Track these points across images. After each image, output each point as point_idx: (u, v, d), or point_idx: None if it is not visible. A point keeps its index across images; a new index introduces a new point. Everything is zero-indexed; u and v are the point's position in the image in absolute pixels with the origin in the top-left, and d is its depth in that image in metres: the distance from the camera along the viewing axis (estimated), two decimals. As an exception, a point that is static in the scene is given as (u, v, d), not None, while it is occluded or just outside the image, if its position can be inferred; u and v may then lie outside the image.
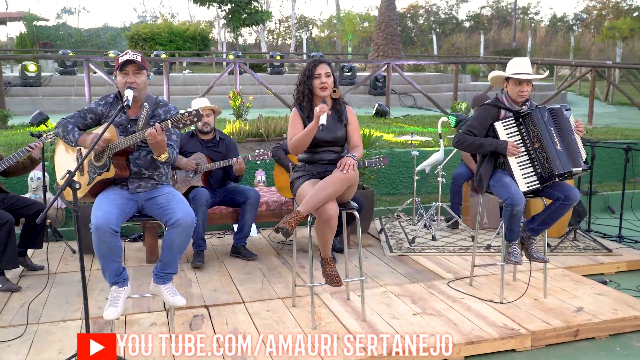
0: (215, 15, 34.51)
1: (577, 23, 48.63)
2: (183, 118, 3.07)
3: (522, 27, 40.71)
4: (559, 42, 33.77)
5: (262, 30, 27.97)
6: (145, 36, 21.42)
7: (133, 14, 60.86)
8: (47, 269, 4.63)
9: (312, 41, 31.69)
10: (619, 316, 3.74)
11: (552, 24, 48.55)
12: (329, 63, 3.57)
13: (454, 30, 43.35)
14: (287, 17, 42.63)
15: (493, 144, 3.87)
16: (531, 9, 50.85)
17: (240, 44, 29.31)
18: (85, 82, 8.83)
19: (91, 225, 3.06)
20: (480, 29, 42.03)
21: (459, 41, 35.33)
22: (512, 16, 49.24)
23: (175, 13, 46.21)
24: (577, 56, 26.05)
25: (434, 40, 26.60)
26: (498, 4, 50.55)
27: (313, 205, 3.29)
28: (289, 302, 3.98)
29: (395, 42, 15.95)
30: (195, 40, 22.23)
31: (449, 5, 51.73)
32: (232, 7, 24.50)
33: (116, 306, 3.20)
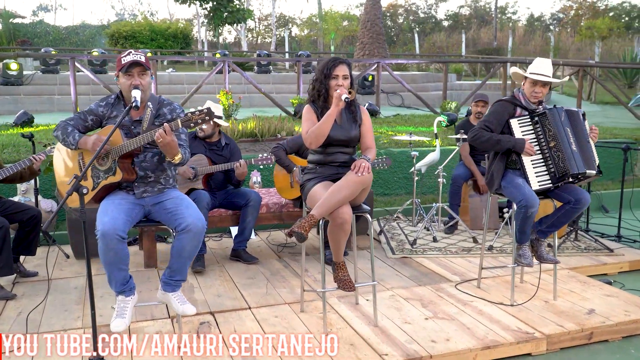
0: (195, 13, 34.22)
1: (554, 23, 49.23)
2: (194, 117, 2.95)
3: (502, 26, 41.04)
4: (537, 42, 34.12)
5: (243, 28, 27.74)
6: (125, 34, 21.09)
7: (111, 12, 59.98)
8: (46, 276, 4.47)
9: (294, 40, 31.53)
10: (632, 318, 3.71)
11: (529, 23, 49.06)
12: (348, 64, 3.48)
13: (433, 30, 43.56)
14: (267, 15, 42.45)
15: (511, 142, 3.81)
16: (509, 8, 51.31)
17: (222, 43, 29.05)
18: (71, 80, 8.61)
19: (97, 232, 2.93)
20: (459, 29, 42.32)
21: (439, 40, 35.51)
22: (490, 16, 49.75)
23: (154, 11, 45.67)
24: (556, 55, 26.31)
25: (415, 39, 26.64)
26: (476, 3, 50.96)
27: (327, 209, 3.20)
28: (297, 307, 3.88)
29: (381, 41, 15.91)
30: (177, 38, 21.96)
31: (428, 4, 52.00)
32: (213, 5, 24.26)
33: (123, 317, 3.07)
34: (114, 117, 3.22)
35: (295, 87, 13.03)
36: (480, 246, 5.29)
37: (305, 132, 3.38)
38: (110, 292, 4.12)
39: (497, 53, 26.15)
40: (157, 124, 3.21)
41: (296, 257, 5.04)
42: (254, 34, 44.16)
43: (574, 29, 40.44)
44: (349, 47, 26.27)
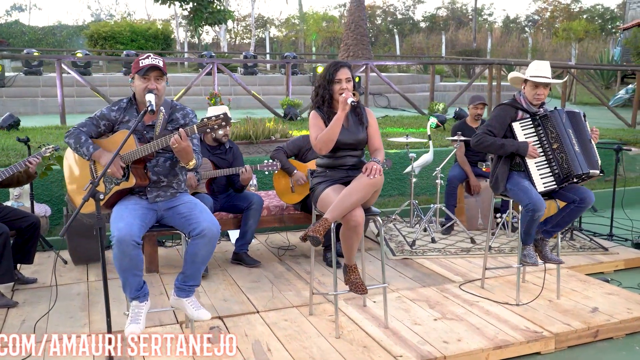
0: (174, 13, 33.93)
1: (530, 24, 49.95)
2: (210, 123, 2.94)
3: (479, 28, 41.47)
4: (514, 43, 34.56)
5: (223, 29, 27.61)
6: (105, 35, 20.81)
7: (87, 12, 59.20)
8: (46, 283, 4.41)
9: (275, 41, 31.47)
10: (635, 315, 3.79)
11: (505, 25, 49.69)
12: (349, 67, 3.49)
13: (412, 31, 43.85)
14: (245, 16, 42.26)
15: (514, 145, 3.86)
16: (485, 10, 51.89)
17: (203, 44, 28.85)
18: (58, 83, 8.48)
19: (112, 238, 2.89)
20: (437, 30, 42.68)
21: (418, 41, 35.75)
22: (467, 17, 50.26)
23: (131, 11, 45.17)
24: (534, 57, 26.67)
25: (396, 41, 26.78)
26: (453, 5, 51.46)
27: (341, 212, 3.21)
28: (305, 311, 3.88)
29: (365, 43, 15.96)
30: (158, 39, 21.74)
31: (405, 6, 52.35)
32: (194, 5, 24.08)
33: (138, 322, 3.04)
34: (127, 121, 3.19)
35: (282, 89, 13.05)
36: (479, 246, 5.34)
37: (314, 138, 3.38)
38: (116, 298, 4.10)
39: (477, 54, 26.42)
40: (170, 129, 3.19)
41: (297, 259, 5.04)
42: (232, 34, 43.98)
43: (549, 30, 41.07)
44: (330, 48, 26.32)
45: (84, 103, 10.98)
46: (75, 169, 3.30)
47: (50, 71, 13.33)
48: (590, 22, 36.66)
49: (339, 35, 26.77)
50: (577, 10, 45.23)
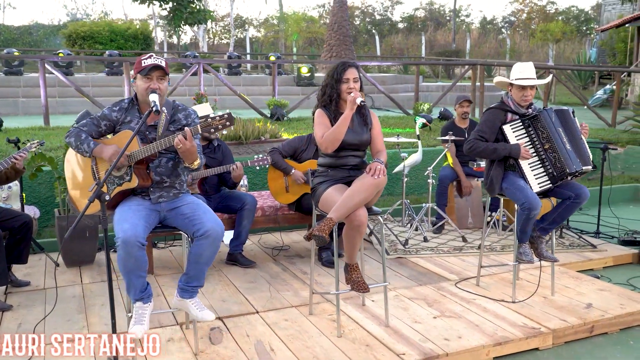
0: (151, 13, 33.63)
1: (506, 26, 50.57)
2: (214, 122, 2.93)
3: (457, 29, 41.85)
4: (492, 44, 34.96)
5: (203, 30, 27.41)
6: (84, 34, 20.55)
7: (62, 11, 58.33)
8: (39, 285, 4.35)
9: (255, 41, 31.40)
10: (628, 311, 3.87)
11: (482, 26, 50.23)
12: (357, 67, 3.52)
13: (390, 32, 44.09)
14: (223, 16, 42.05)
15: (507, 149, 3.92)
16: (462, 11, 52.38)
17: (182, 44, 28.66)
18: (41, 83, 8.35)
19: (117, 239, 2.86)
20: (415, 31, 42.98)
21: (397, 42, 35.97)
22: (444, 18, 50.69)
23: (108, 11, 44.65)
24: (512, 57, 27.03)
25: (376, 41, 26.91)
26: (431, 6, 51.85)
27: (345, 212, 3.22)
28: (304, 310, 3.89)
29: (348, 43, 16.02)
30: (137, 39, 21.54)
31: (384, 6, 52.62)
32: (173, 5, 23.89)
33: (142, 323, 3.01)
34: (128, 122, 3.16)
35: (267, 89, 13.04)
36: (470, 245, 5.40)
37: (320, 136, 3.40)
38: (111, 300, 4.06)
39: (457, 55, 26.68)
40: (172, 130, 3.17)
41: (292, 260, 5.04)
42: (211, 35, 43.72)
43: (525, 31, 41.63)
44: (311, 48, 26.35)
45: (67, 104, 10.84)
46: (76, 170, 3.26)
47: (31, 71, 13.12)
48: (567, 24, 37.25)
49: (320, 35, 26.82)
50: (553, 12, 45.96)
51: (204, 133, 2.93)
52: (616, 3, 25.09)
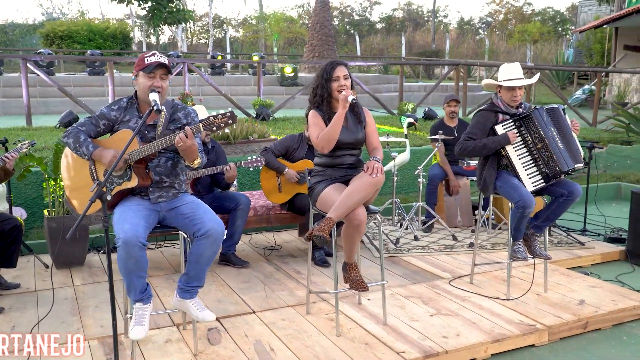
0: (129, 13, 33.31)
1: (483, 26, 51.12)
2: (216, 121, 2.91)
3: (436, 29, 42.17)
4: (470, 45, 35.32)
5: (183, 29, 27.23)
6: (62, 34, 20.27)
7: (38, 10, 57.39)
8: (30, 288, 4.28)
9: (235, 41, 31.26)
10: (620, 307, 3.94)
11: (460, 26, 50.68)
12: (346, 64, 3.52)
13: (369, 32, 44.25)
14: (201, 16, 41.80)
15: (496, 141, 3.97)
16: (440, 12, 52.81)
17: (161, 44, 28.43)
18: (23, 83, 8.19)
19: (118, 240, 2.83)
20: (394, 31, 43.20)
21: (376, 42, 36.13)
22: (422, 19, 51.04)
23: (85, 10, 44.07)
24: (491, 58, 27.33)
25: (357, 41, 26.99)
26: (409, 6, 52.17)
27: (344, 211, 3.22)
28: (301, 310, 3.88)
29: (330, 43, 16.03)
30: (116, 38, 21.31)
31: (362, 7, 52.79)
32: (152, 5, 23.73)
33: (142, 324, 2.98)
34: (127, 121, 3.13)
35: (250, 89, 12.99)
36: (461, 243, 5.45)
37: (315, 137, 3.39)
38: (105, 301, 4.02)
39: (437, 55, 26.87)
40: (172, 129, 3.14)
41: (285, 259, 5.03)
42: (189, 35, 43.43)
43: (502, 32, 42.11)
44: (291, 48, 26.33)
45: (48, 104, 10.68)
46: (74, 170, 3.21)
47: (10, 71, 12.90)
48: (544, 25, 37.78)
49: (300, 35, 26.80)
50: (529, 13, 46.58)
51: (206, 131, 2.90)
52: (592, 4, 25.56)
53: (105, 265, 4.84)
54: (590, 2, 25.52)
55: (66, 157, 3.24)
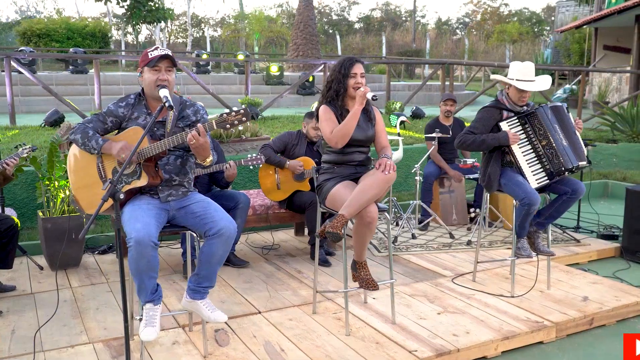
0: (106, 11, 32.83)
1: (461, 27, 51.57)
2: (230, 118, 2.85)
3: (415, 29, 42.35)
4: (448, 45, 35.55)
5: (163, 28, 26.89)
6: (39, 32, 19.84)
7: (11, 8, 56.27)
8: (26, 290, 4.17)
9: (216, 40, 31.03)
10: (623, 303, 3.97)
11: (437, 27, 51.02)
12: (363, 62, 3.50)
13: (348, 32, 44.30)
14: (179, 15, 41.38)
15: (495, 138, 3.97)
16: (418, 12, 53.11)
17: (140, 42, 28.07)
18: (7, 81, 7.98)
19: (129, 240, 2.75)
20: (372, 31, 43.30)
21: (355, 42, 36.15)
22: (401, 19, 51.26)
23: (61, 8, 43.34)
24: (470, 57, 27.53)
25: (337, 41, 26.99)
26: (387, 6, 52.37)
27: (357, 208, 3.19)
28: (307, 309, 3.84)
29: (314, 42, 15.98)
30: (96, 37, 20.94)
31: (341, 6, 52.84)
32: (131, 3, 23.39)
33: (154, 325, 2.91)
34: (135, 118, 3.05)
35: (236, 88, 12.88)
36: (458, 241, 5.46)
37: (329, 132, 3.36)
38: (106, 303, 3.94)
39: (417, 55, 27.00)
40: (181, 126, 3.07)
41: (284, 258, 4.98)
42: (166, 34, 42.96)
43: (480, 32, 42.51)
44: (272, 47, 26.21)
45: (30, 102, 10.45)
46: (80, 168, 3.11)
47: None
48: (522, 25, 38.24)
49: (281, 34, 26.70)
50: (506, 14, 47.11)
51: (219, 128, 2.84)
52: (570, 5, 25.91)
53: (100, 267, 4.75)
54: (568, 3, 25.86)
55: (72, 155, 3.14)
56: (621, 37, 15.63)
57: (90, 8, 59.36)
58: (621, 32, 15.42)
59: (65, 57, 13.32)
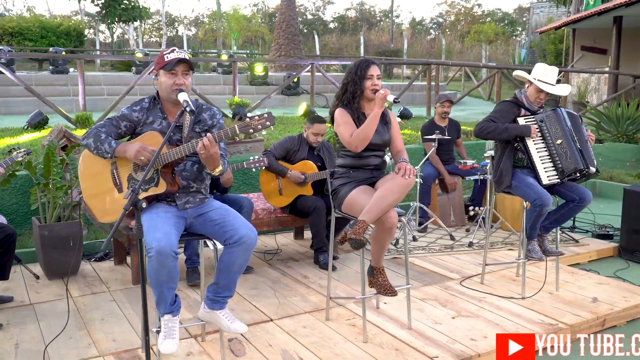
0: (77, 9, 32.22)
1: (434, 27, 51.98)
2: (253, 122, 2.77)
3: (389, 30, 42.51)
4: (424, 45, 35.78)
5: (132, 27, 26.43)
6: (12, 30, 19.37)
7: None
8: (25, 301, 4.02)
9: (193, 39, 30.70)
10: (632, 303, 3.99)
11: (412, 27, 51.34)
12: (378, 65, 3.45)
13: (324, 31, 44.30)
14: (152, 13, 40.86)
15: (518, 128, 3.98)
16: (392, 12, 53.33)
17: (116, 41, 27.62)
18: (-12, 82, 7.76)
19: (150, 250, 2.65)
20: (348, 31, 43.35)
21: (331, 42, 36.15)
22: (375, 18, 51.44)
23: (31, 6, 42.40)
24: (448, 57, 27.72)
25: (316, 41, 26.93)
26: (362, 6, 52.50)
27: (378, 214, 3.14)
28: (319, 316, 3.77)
29: (296, 42, 15.90)
30: (70, 36, 20.53)
31: (315, 6, 52.82)
32: (106, 1, 23.01)
33: (173, 337, 2.81)
34: (150, 122, 2.94)
35: (220, 88, 12.72)
36: (459, 243, 5.44)
37: (348, 135, 3.30)
38: (111, 313, 3.81)
39: (396, 55, 27.09)
40: (198, 130, 2.98)
41: (288, 263, 4.90)
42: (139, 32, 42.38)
43: (453, 32, 42.89)
44: (250, 47, 26.01)
45: (9, 104, 10.14)
46: (92, 174, 2.99)
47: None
48: (497, 26, 38.70)
49: (260, 34, 26.54)
50: (479, 14, 47.64)
51: (242, 133, 2.76)
52: (544, 6, 26.30)
53: (99, 275, 4.60)
54: (543, 4, 26.26)
55: (84, 161, 3.01)
56: (598, 38, 15.89)
57: (61, 6, 58.38)
58: (598, 33, 15.68)
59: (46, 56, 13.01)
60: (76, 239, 4.44)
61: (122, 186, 2.91)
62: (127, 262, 4.85)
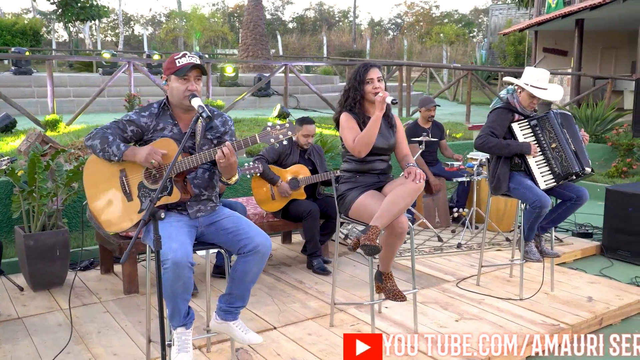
0: (29, 7, 31.28)
1: (393, 27, 52.53)
2: (274, 131, 2.70)
3: (349, 30, 42.70)
4: (384, 45, 36.08)
5: (87, 26, 25.76)
6: (-36, 29, 18.64)
7: None
8: (13, 315, 3.84)
9: (154, 39, 30.14)
10: (626, 301, 4.08)
11: (371, 27, 51.73)
12: (379, 67, 3.41)
13: (284, 32, 44.16)
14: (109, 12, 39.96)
15: (519, 146, 3.99)
16: (351, 12, 53.60)
17: (72, 40, 26.86)
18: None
19: (166, 262, 2.54)
20: (307, 31, 43.34)
21: (292, 42, 36.07)
22: (334, 19, 51.62)
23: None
24: (410, 58, 28.01)
25: (279, 41, 26.81)
26: (321, 6, 52.62)
27: (389, 219, 3.11)
28: (323, 322, 3.73)
29: (264, 43, 15.78)
30: (26, 35, 19.86)
31: (275, 6, 52.65)
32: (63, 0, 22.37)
33: (187, 351, 2.72)
34: (161, 129, 2.83)
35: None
36: (448, 244, 5.47)
37: (352, 140, 3.26)
38: (107, 325, 3.68)
39: (359, 55, 27.21)
40: (210, 137, 2.89)
41: (281, 269, 4.83)
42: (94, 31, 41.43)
43: (412, 33, 43.42)
44: (212, 47, 25.74)
45: (-31, 106, 9.71)
46: (99, 181, 2.86)
47: None
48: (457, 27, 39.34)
49: (222, 34, 26.28)
50: (437, 15, 48.38)
51: (262, 142, 2.69)
52: (503, 8, 26.87)
53: (87, 285, 4.43)
54: (501, 6, 26.83)
55: (90, 167, 2.88)
56: (559, 40, 16.31)
57: (9, 4, 56.41)
58: (559, 35, 16.09)
59: (7, 56, 12.53)
60: (63, 248, 4.27)
61: (132, 194, 2.80)
62: (114, 271, 4.69)
